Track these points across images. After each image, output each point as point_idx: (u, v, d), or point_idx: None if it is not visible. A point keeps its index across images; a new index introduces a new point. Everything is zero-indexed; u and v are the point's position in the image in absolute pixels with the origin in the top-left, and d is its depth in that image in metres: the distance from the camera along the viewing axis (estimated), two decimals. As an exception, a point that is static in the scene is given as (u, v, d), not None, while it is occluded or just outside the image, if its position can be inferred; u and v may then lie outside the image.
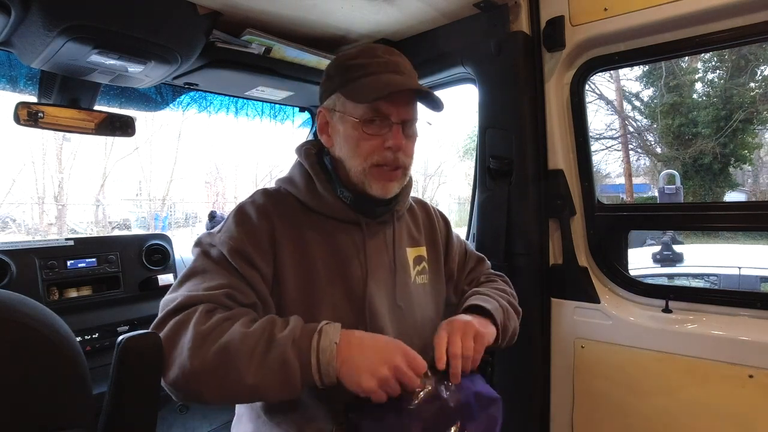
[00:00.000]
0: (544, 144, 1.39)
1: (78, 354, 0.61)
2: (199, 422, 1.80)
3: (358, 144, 0.84)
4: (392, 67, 0.85)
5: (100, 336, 1.43)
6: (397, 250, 0.95)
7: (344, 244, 0.89)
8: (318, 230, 0.88)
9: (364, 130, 0.83)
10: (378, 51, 0.87)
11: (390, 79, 0.83)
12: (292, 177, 0.93)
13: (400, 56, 0.89)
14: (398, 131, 0.84)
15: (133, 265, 1.56)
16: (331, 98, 0.88)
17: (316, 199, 0.89)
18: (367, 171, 0.85)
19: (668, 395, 1.19)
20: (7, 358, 0.53)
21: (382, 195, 0.87)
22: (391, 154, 0.85)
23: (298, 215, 0.88)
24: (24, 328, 0.55)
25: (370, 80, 0.83)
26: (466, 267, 1.11)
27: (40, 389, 0.55)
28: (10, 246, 1.35)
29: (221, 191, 12.35)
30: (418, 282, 0.98)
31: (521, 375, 1.39)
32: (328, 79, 0.89)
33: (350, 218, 0.90)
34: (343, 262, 0.88)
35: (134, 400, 0.67)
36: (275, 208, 0.87)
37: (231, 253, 0.80)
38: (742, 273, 3.36)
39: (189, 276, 0.80)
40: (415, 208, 1.06)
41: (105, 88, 1.41)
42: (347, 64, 0.86)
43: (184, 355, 0.68)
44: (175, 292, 0.78)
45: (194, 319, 0.71)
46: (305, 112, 2.02)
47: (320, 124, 0.91)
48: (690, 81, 11.43)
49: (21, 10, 0.97)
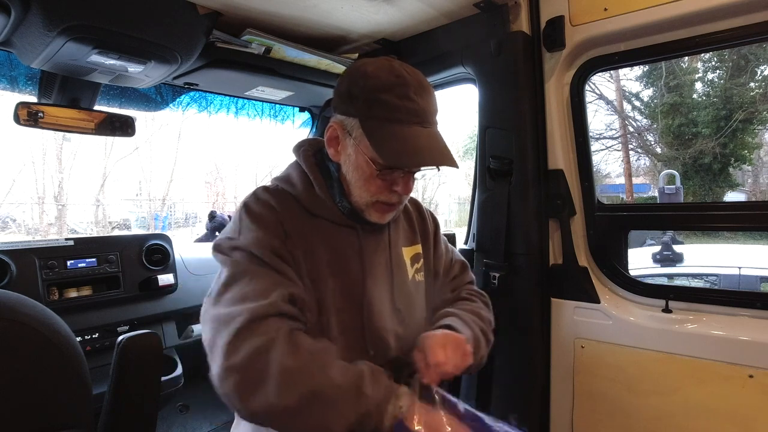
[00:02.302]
0: (544, 144, 1.39)
1: (78, 354, 0.61)
2: (199, 422, 1.80)
3: (368, 180, 0.84)
4: (421, 117, 0.81)
5: (100, 336, 1.43)
6: (393, 250, 0.96)
7: (343, 245, 0.89)
8: (319, 231, 0.88)
9: (378, 174, 0.83)
10: (410, 90, 0.80)
11: (416, 141, 0.80)
12: (289, 177, 0.92)
13: (429, 98, 0.84)
14: (409, 179, 0.86)
15: (133, 265, 1.56)
16: (348, 120, 0.84)
17: (313, 202, 0.89)
18: (370, 204, 0.86)
19: (668, 395, 1.19)
20: (7, 358, 0.53)
21: (379, 222, 0.90)
22: (397, 196, 0.87)
23: (300, 215, 0.88)
24: (24, 328, 0.55)
25: (397, 131, 0.79)
26: (451, 272, 1.11)
27: (40, 389, 0.55)
28: (10, 246, 1.35)
29: (221, 191, 12.36)
30: (417, 279, 1.00)
31: (521, 375, 1.39)
32: (350, 98, 0.83)
33: (346, 222, 0.90)
34: (343, 262, 0.88)
35: (134, 399, 0.67)
36: (280, 206, 0.87)
37: (265, 252, 0.78)
38: (742, 273, 3.35)
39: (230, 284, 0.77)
40: (408, 207, 1.07)
41: (105, 88, 1.41)
42: (375, 96, 0.80)
43: (271, 391, 0.67)
44: (223, 306, 0.75)
45: (278, 349, 0.70)
46: (305, 112, 2.02)
47: (329, 138, 0.87)
48: (690, 81, 11.43)
49: (21, 10, 0.97)
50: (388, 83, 0.80)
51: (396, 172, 0.83)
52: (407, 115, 0.80)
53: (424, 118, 0.82)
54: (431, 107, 0.84)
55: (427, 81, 0.85)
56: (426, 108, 0.82)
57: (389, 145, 0.78)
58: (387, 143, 0.79)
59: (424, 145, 0.80)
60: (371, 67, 0.82)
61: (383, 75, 0.81)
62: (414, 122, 0.81)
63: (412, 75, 0.82)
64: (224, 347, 0.70)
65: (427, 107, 0.83)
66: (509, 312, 1.38)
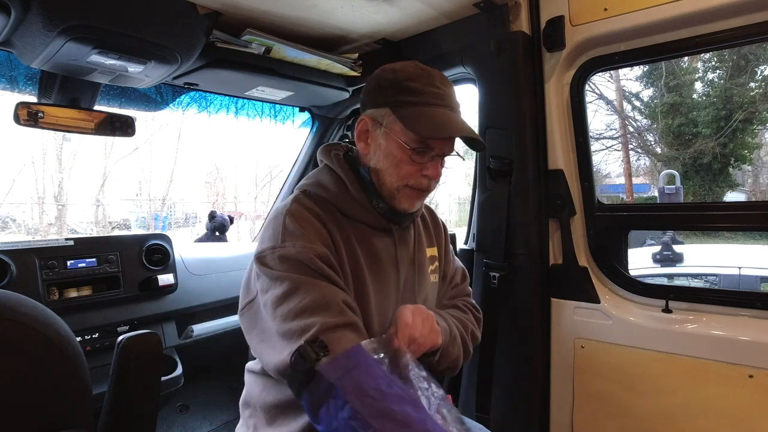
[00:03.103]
0: (544, 144, 1.39)
1: (78, 354, 0.61)
2: (199, 422, 1.80)
3: (399, 165, 0.87)
4: (446, 101, 0.87)
5: (100, 336, 1.43)
6: (418, 251, 1.00)
7: (380, 248, 0.92)
8: (357, 234, 0.90)
9: (410, 156, 0.86)
10: (436, 80, 0.87)
11: (446, 117, 0.85)
12: (321, 182, 0.93)
13: (452, 90, 0.90)
14: (438, 163, 0.89)
15: (133, 265, 1.56)
16: (378, 110, 0.88)
17: (350, 205, 0.90)
18: (400, 189, 0.89)
19: (668, 395, 1.19)
20: (7, 358, 0.53)
21: (408, 210, 0.92)
22: (427, 181, 0.89)
23: (339, 219, 0.89)
24: (24, 328, 0.55)
25: (426, 111, 0.84)
26: (454, 279, 1.13)
27: (40, 389, 0.55)
28: (10, 246, 1.35)
29: (221, 191, 12.34)
30: (432, 280, 1.03)
31: (521, 375, 1.39)
32: (380, 90, 0.88)
33: (382, 225, 0.92)
34: (382, 266, 0.91)
35: (134, 400, 0.67)
36: (322, 212, 0.88)
37: (315, 261, 0.79)
38: (742, 273, 3.35)
39: (286, 297, 0.77)
40: (424, 212, 1.10)
41: (105, 88, 1.41)
42: (404, 84, 0.85)
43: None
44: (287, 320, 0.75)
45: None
46: (305, 112, 2.02)
47: (360, 131, 0.91)
48: (690, 81, 11.42)
49: (21, 10, 0.97)
50: (414, 74, 0.86)
51: (426, 154, 0.86)
52: (434, 99, 0.85)
53: (450, 103, 0.87)
54: (455, 97, 0.90)
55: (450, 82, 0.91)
56: (451, 95, 0.88)
57: (421, 122, 0.83)
58: (419, 121, 0.83)
59: (453, 121, 0.85)
60: (397, 65, 0.89)
61: (410, 68, 0.88)
62: (442, 105, 0.86)
63: (435, 71, 0.90)
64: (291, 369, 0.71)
65: (452, 95, 0.89)
66: (509, 312, 1.39)
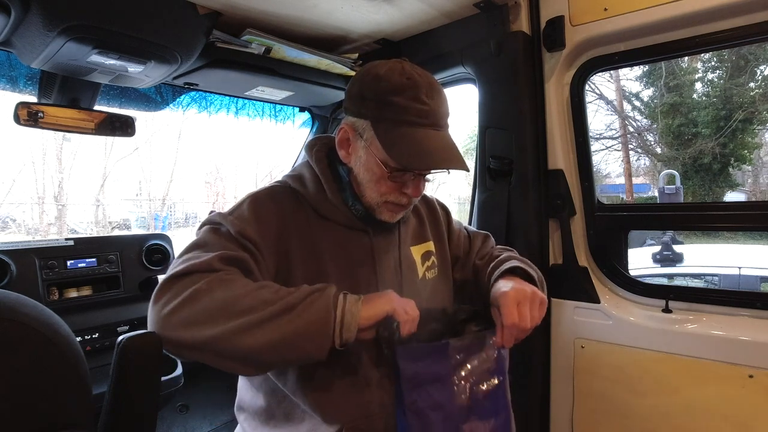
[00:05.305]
0: (544, 144, 1.39)
1: (78, 354, 0.61)
2: (199, 422, 1.80)
3: (378, 181, 0.84)
4: (432, 119, 0.81)
5: (100, 336, 1.43)
6: (403, 250, 0.96)
7: (354, 249, 0.89)
8: (328, 234, 0.88)
9: (389, 176, 0.82)
10: (422, 93, 0.80)
11: (427, 142, 0.80)
12: (301, 176, 0.92)
13: (440, 100, 0.84)
14: (420, 182, 0.86)
15: (133, 265, 1.56)
16: (359, 121, 0.84)
17: (325, 206, 0.88)
18: (380, 204, 0.87)
19: (668, 395, 1.19)
20: (7, 358, 0.53)
21: (389, 221, 0.90)
22: (407, 198, 0.87)
23: (309, 216, 0.88)
24: (24, 328, 0.55)
25: (408, 133, 0.79)
26: (474, 246, 1.10)
27: (40, 389, 0.55)
28: (10, 246, 1.35)
29: (221, 191, 12.33)
30: (428, 277, 0.99)
31: (521, 375, 1.39)
32: (362, 100, 0.83)
33: (358, 226, 0.90)
34: (354, 266, 0.88)
35: (134, 400, 0.67)
36: (289, 205, 0.87)
37: (237, 233, 0.78)
38: (742, 273, 3.36)
39: (192, 248, 0.78)
40: (418, 206, 1.06)
41: (105, 88, 1.41)
42: (387, 99, 0.80)
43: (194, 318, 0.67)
44: (176, 265, 0.76)
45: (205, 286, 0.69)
46: (305, 112, 2.02)
47: (341, 139, 0.88)
48: (690, 81, 11.42)
49: (21, 10, 0.97)
50: (399, 86, 0.80)
51: (407, 174, 0.83)
52: (418, 118, 0.80)
53: (435, 121, 0.82)
54: (442, 109, 0.84)
55: (438, 83, 0.85)
56: (437, 110, 0.82)
57: (400, 148, 0.79)
58: (398, 145, 0.79)
59: (434, 147, 0.80)
60: (383, 69, 0.82)
61: (394, 77, 0.81)
62: (425, 124, 0.81)
63: (423, 77, 0.82)
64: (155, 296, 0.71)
65: (438, 109, 0.83)
66: (509, 312, 1.38)
